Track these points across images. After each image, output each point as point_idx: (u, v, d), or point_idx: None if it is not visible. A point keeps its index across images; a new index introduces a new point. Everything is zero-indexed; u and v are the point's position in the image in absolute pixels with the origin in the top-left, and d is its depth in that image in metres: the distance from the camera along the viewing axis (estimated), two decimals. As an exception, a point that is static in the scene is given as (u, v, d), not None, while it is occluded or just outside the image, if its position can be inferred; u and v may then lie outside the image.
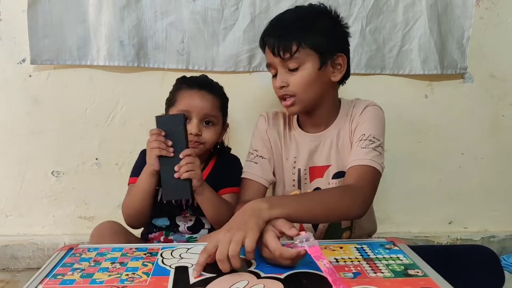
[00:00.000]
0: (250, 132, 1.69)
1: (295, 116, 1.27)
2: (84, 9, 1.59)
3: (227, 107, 1.33)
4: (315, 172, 1.22)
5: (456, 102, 1.82)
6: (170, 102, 1.26)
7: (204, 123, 1.23)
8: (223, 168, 1.30)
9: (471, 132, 1.85)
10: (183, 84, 1.27)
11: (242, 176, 1.24)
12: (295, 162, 1.23)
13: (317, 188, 1.22)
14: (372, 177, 1.06)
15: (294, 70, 1.12)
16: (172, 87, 1.31)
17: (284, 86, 1.13)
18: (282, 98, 1.16)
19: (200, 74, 1.36)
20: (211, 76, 1.67)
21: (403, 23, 1.70)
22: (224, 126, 1.33)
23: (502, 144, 1.87)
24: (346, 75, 1.20)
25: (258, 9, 1.63)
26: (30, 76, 1.66)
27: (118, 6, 1.58)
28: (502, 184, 1.90)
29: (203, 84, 1.27)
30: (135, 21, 1.61)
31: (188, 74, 1.64)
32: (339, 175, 1.20)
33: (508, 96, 1.83)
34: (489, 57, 1.79)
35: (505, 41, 1.78)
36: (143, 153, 1.26)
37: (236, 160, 1.36)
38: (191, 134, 1.19)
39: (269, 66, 1.18)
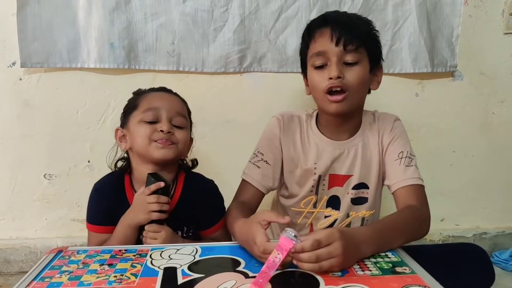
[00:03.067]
0: (242, 132, 1.71)
1: (314, 121, 1.23)
2: (74, 12, 1.59)
3: (190, 116, 1.25)
4: (335, 180, 1.20)
5: (447, 100, 1.83)
6: (131, 108, 1.16)
7: (174, 126, 1.13)
8: (198, 202, 1.17)
9: (462, 129, 1.86)
10: (145, 90, 1.22)
11: (242, 176, 1.22)
12: (315, 168, 1.19)
13: (335, 196, 1.21)
14: (424, 194, 1.12)
15: (352, 64, 1.09)
16: (128, 101, 1.22)
17: (340, 77, 1.07)
18: (330, 91, 1.10)
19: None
20: (202, 77, 1.69)
21: (392, 22, 1.70)
22: (191, 136, 1.23)
23: (493, 141, 1.88)
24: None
25: (248, 10, 1.63)
26: (20, 79, 1.65)
27: (107, 9, 1.58)
28: (493, 181, 1.91)
29: (167, 90, 1.22)
30: (125, 23, 1.60)
31: (177, 76, 1.67)
32: (360, 186, 1.20)
33: (498, 93, 1.84)
34: (479, 55, 1.80)
35: (494, 38, 1.79)
36: (97, 197, 1.19)
37: (211, 188, 1.24)
38: (162, 131, 1.09)
39: (319, 55, 1.10)
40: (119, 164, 1.24)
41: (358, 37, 1.08)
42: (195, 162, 1.27)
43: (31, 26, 1.57)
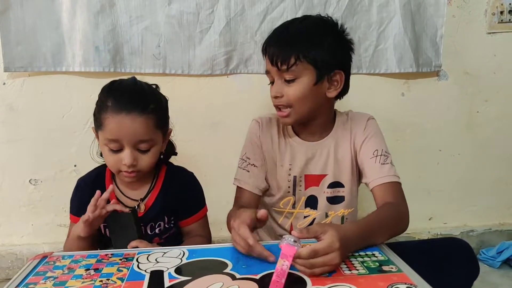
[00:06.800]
0: (228, 134, 1.71)
1: None
2: (58, 15, 1.57)
3: (166, 113, 1.17)
4: (311, 180, 1.23)
5: (432, 99, 1.85)
6: (98, 123, 1.10)
7: (139, 149, 1.08)
8: (179, 192, 1.18)
9: (447, 128, 1.88)
10: (109, 100, 1.07)
11: (235, 183, 1.25)
12: (290, 169, 1.22)
13: (312, 196, 1.23)
14: (401, 191, 1.14)
15: (290, 81, 1.12)
16: (98, 97, 1.14)
17: (278, 97, 1.13)
18: (277, 107, 1.17)
19: (129, 77, 1.17)
20: (188, 80, 1.69)
21: (377, 22, 1.72)
22: (166, 133, 1.17)
23: (478, 139, 1.90)
24: (344, 91, 1.19)
25: (233, 12, 1.63)
26: (4, 84, 1.63)
27: (92, 12, 1.57)
28: (480, 179, 1.94)
29: (132, 102, 1.06)
30: (110, 26, 1.59)
31: (164, 79, 1.66)
32: (334, 184, 1.23)
33: (482, 92, 1.86)
34: (463, 55, 1.82)
35: (477, 38, 1.81)
36: (76, 191, 1.21)
37: (191, 179, 1.25)
38: (125, 165, 1.06)
39: (267, 73, 1.18)
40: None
41: (291, 54, 1.09)
42: (172, 153, 1.26)
43: (14, 30, 1.56)
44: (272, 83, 1.18)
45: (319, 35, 1.13)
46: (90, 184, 1.18)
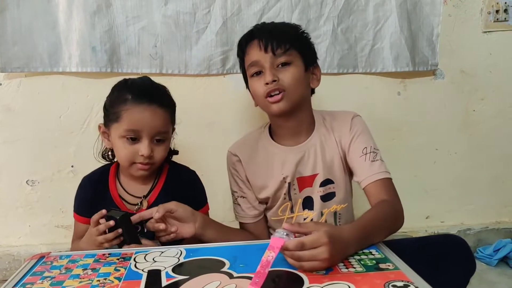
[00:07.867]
0: (225, 134, 1.71)
1: (267, 134, 1.27)
2: (54, 16, 1.57)
3: (175, 112, 1.21)
4: (304, 182, 1.23)
5: (429, 98, 1.85)
6: (113, 116, 1.11)
7: (155, 141, 1.11)
8: (180, 190, 1.18)
9: (444, 127, 1.88)
10: (128, 94, 1.10)
11: (236, 218, 1.31)
12: (283, 178, 1.23)
13: (308, 197, 1.24)
14: (393, 187, 1.15)
15: (285, 65, 1.15)
16: (110, 93, 1.16)
17: (275, 81, 1.13)
18: (269, 95, 1.15)
19: (142, 76, 1.21)
20: (185, 79, 1.69)
21: (374, 22, 1.72)
22: (174, 131, 1.22)
23: (474, 138, 1.91)
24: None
25: (230, 12, 1.64)
26: (0, 84, 1.63)
27: (88, 12, 1.57)
28: (476, 178, 1.94)
29: (151, 95, 1.11)
30: (106, 27, 1.59)
31: (160, 78, 1.64)
32: (326, 182, 1.23)
33: (478, 91, 1.87)
34: (459, 53, 1.83)
35: (473, 37, 1.82)
36: (80, 189, 1.21)
37: (193, 177, 1.26)
38: (142, 155, 1.09)
39: (253, 65, 1.18)
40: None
41: (285, 41, 1.15)
42: (174, 152, 1.27)
43: (11, 30, 1.55)
44: (256, 74, 1.18)
45: (301, 33, 1.24)
46: (94, 182, 1.20)
